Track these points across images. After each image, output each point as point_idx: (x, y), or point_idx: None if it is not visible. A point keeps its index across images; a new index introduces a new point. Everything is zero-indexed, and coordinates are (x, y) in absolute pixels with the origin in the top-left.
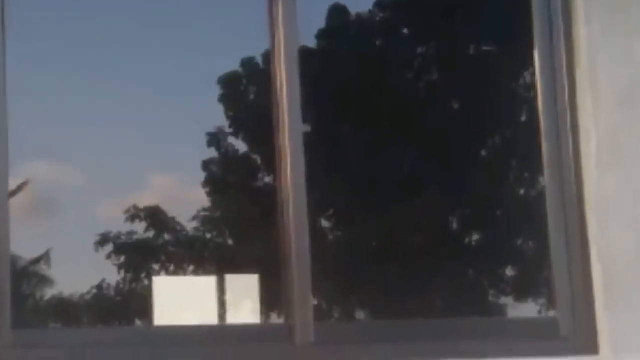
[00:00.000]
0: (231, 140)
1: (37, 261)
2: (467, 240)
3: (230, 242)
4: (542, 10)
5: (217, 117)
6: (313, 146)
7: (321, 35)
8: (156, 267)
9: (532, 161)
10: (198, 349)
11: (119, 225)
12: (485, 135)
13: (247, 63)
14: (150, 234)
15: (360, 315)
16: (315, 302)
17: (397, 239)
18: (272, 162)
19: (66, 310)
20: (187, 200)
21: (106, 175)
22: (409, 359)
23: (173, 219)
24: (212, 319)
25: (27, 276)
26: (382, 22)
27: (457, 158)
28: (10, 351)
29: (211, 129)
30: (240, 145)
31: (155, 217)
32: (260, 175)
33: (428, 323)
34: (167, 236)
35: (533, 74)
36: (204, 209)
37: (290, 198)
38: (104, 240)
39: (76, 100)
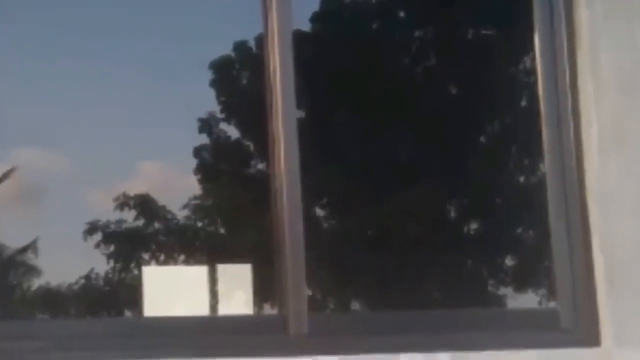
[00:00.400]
0: (223, 126)
1: (23, 250)
2: (465, 229)
3: (222, 230)
4: None
5: (208, 103)
6: (307, 132)
7: (316, 18)
8: (146, 256)
9: (532, 148)
10: (189, 341)
11: (108, 214)
12: (484, 121)
13: (240, 47)
14: (140, 222)
15: (355, 305)
16: (309, 293)
17: (393, 227)
18: (265, 149)
19: (54, 301)
20: (177, 187)
21: (95, 162)
22: (406, 351)
23: (163, 207)
24: (203, 310)
25: (14, 266)
26: (378, 5)
27: (455, 145)
28: None
29: (203, 115)
30: (233, 132)
31: (145, 205)
32: (252, 162)
33: (425, 314)
34: (157, 225)
35: (533, 59)
36: (195, 197)
37: (283, 185)
38: (92, 228)
39: (64, 85)
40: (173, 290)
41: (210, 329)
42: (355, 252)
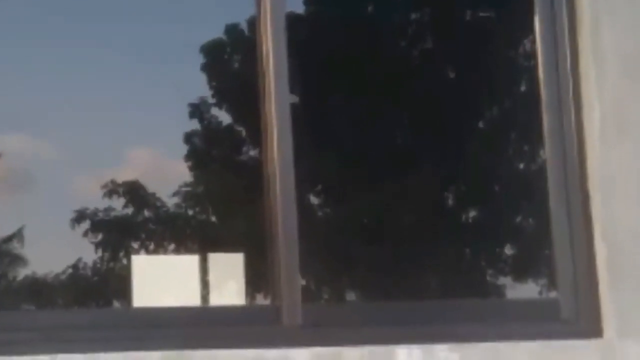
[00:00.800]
0: (214, 111)
1: (9, 239)
2: (463, 217)
3: (213, 218)
4: None
5: (199, 87)
6: (301, 117)
7: (309, 0)
8: (135, 245)
9: (532, 133)
10: (180, 332)
11: (96, 201)
12: (482, 106)
13: (232, 30)
14: (129, 210)
15: (350, 296)
16: (303, 282)
17: (389, 216)
18: (257, 135)
19: (40, 291)
20: (168, 174)
21: (82, 148)
22: (402, 342)
23: (153, 194)
24: (194, 300)
25: None
26: None
27: (453, 130)
28: None
29: (193, 100)
30: (224, 117)
31: (134, 192)
32: (245, 149)
33: (422, 305)
34: (146, 213)
35: (533, 42)
36: (186, 184)
37: (276, 172)
38: (80, 217)
39: (51, 69)
40: (163, 280)
41: (202, 320)
42: (351, 241)
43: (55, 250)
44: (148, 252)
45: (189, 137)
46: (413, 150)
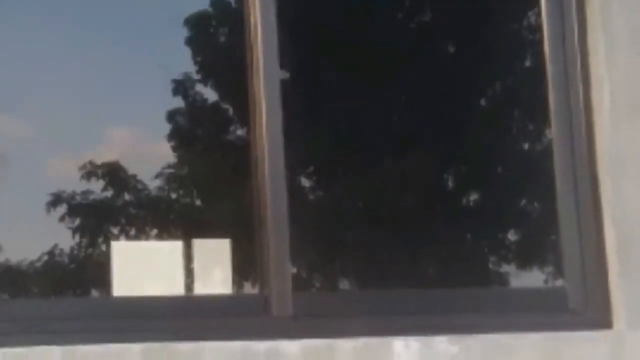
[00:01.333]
0: (199, 88)
1: None
2: (464, 200)
3: (198, 202)
4: None
5: (183, 62)
6: (291, 94)
7: None
8: (115, 230)
9: (537, 112)
10: (162, 323)
11: (74, 184)
12: (484, 82)
13: (218, 1)
14: (109, 193)
15: (344, 284)
16: (294, 270)
17: (385, 199)
18: (245, 113)
19: (14, 280)
20: (149, 155)
21: (59, 128)
22: (399, 334)
23: (134, 176)
24: (178, 289)
25: None
26: None
27: (453, 108)
28: None
29: (177, 76)
30: (210, 94)
31: (114, 174)
32: (231, 128)
33: (421, 294)
34: (127, 196)
35: (538, 14)
36: (169, 166)
37: (265, 153)
38: (56, 200)
39: (25, 46)
40: (145, 267)
41: (186, 310)
42: (345, 225)
43: (30, 236)
44: (129, 237)
45: (172, 116)
46: (410, 129)
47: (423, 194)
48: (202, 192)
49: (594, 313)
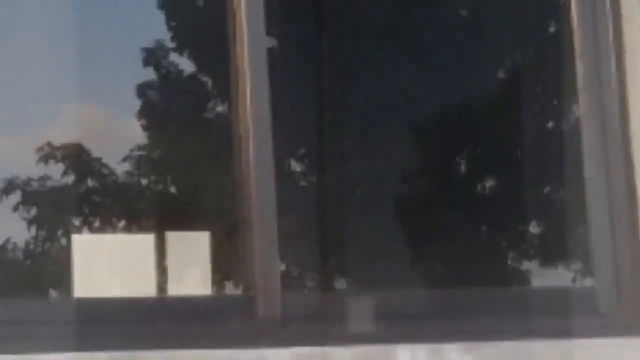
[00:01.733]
0: (173, 57)
1: None
2: (478, 187)
3: (172, 189)
4: None
5: (155, 28)
6: (279, 65)
7: None
8: (77, 222)
9: (563, 85)
10: (131, 328)
11: (29, 168)
12: (502, 50)
13: None
14: (69, 179)
15: (340, 284)
16: (283, 268)
17: (387, 185)
18: (226, 86)
19: None
20: (117, 135)
21: (11, 104)
22: (404, 341)
23: (98, 159)
24: (149, 289)
25: None
26: None
27: (465, 81)
28: None
29: (148, 44)
30: (186, 65)
31: (75, 157)
32: (211, 104)
33: (428, 295)
34: (90, 182)
35: None
36: (139, 147)
37: (250, 133)
38: (8, 187)
39: None
40: (111, 264)
41: (158, 314)
42: (340, 216)
43: None
44: (92, 230)
45: (142, 90)
46: (416, 103)
47: (432, 180)
48: (177, 177)
49: (628, 317)
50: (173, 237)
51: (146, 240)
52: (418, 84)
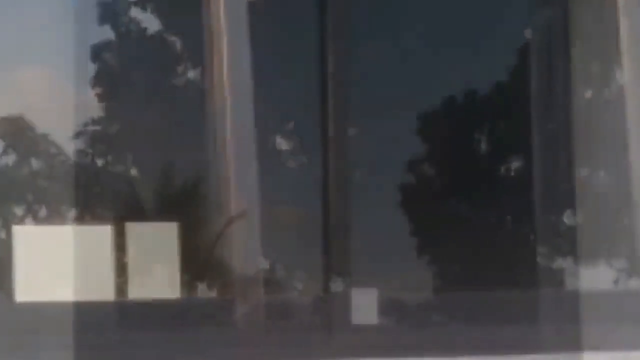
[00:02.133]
0: (135, 12)
1: None
2: (502, 170)
3: (134, 171)
4: None
5: None
6: (262, 20)
7: None
8: (19, 210)
9: (604, 47)
10: (84, 337)
11: None
12: (530, 8)
13: None
14: (10, 158)
15: (336, 286)
16: (266, 266)
17: (395, 166)
18: (200, 47)
19: None
20: (66, 107)
21: None
22: (412, 355)
23: (45, 136)
24: (107, 292)
25: None
26: None
27: (486, 45)
28: None
29: None
30: (149, 20)
31: (17, 133)
32: (180, 68)
33: (441, 299)
34: (35, 163)
35: None
36: (94, 121)
37: (227, 102)
38: None
39: None
40: (60, 261)
41: (116, 320)
42: (334, 204)
43: None
44: (37, 220)
45: (97, 52)
46: (431, 71)
47: (444, 160)
48: (139, 157)
49: None
50: (134, 229)
51: (102, 233)
52: (433, 47)
